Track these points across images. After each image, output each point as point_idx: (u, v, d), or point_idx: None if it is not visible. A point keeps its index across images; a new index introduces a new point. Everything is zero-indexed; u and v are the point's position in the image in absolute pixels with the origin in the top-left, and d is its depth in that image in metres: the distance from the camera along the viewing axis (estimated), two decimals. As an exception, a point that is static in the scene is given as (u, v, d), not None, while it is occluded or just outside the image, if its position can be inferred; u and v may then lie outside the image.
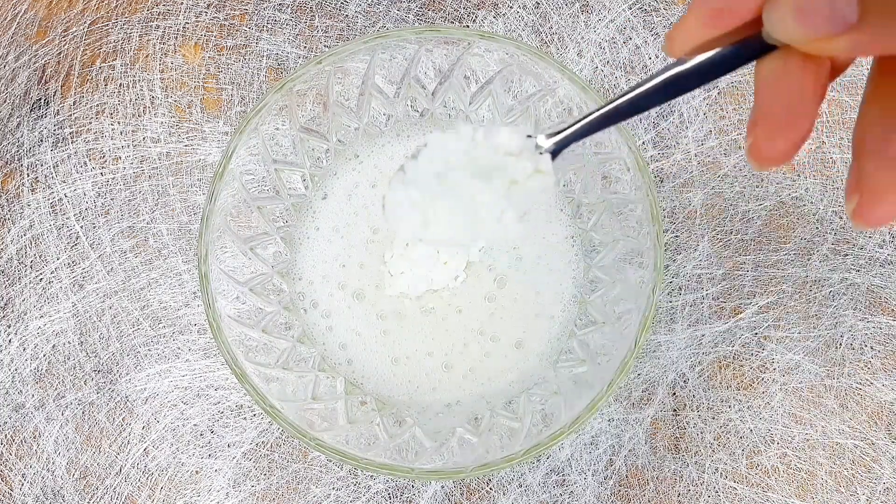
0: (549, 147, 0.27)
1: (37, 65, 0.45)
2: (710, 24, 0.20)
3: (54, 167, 0.44)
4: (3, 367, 0.43)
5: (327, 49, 0.44)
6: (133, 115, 0.44)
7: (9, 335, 0.43)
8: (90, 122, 0.44)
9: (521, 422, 0.38)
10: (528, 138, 0.27)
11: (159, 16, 0.45)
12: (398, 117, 0.42)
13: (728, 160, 0.43)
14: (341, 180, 0.42)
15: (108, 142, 0.44)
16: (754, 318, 0.42)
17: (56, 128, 0.44)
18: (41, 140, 0.44)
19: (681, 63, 0.22)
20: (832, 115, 0.44)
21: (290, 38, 0.45)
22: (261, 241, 0.40)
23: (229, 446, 0.42)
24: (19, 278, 0.43)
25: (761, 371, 0.42)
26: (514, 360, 0.41)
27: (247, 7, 0.45)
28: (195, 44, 0.45)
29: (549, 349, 0.41)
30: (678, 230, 0.43)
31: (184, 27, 0.45)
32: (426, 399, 0.41)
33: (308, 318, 0.41)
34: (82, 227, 0.44)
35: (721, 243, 0.43)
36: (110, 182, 0.44)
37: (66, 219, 0.44)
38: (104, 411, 0.42)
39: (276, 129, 0.39)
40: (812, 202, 0.43)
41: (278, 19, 0.45)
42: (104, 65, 0.45)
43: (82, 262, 0.43)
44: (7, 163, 0.44)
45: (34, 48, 0.45)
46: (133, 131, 0.44)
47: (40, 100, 0.44)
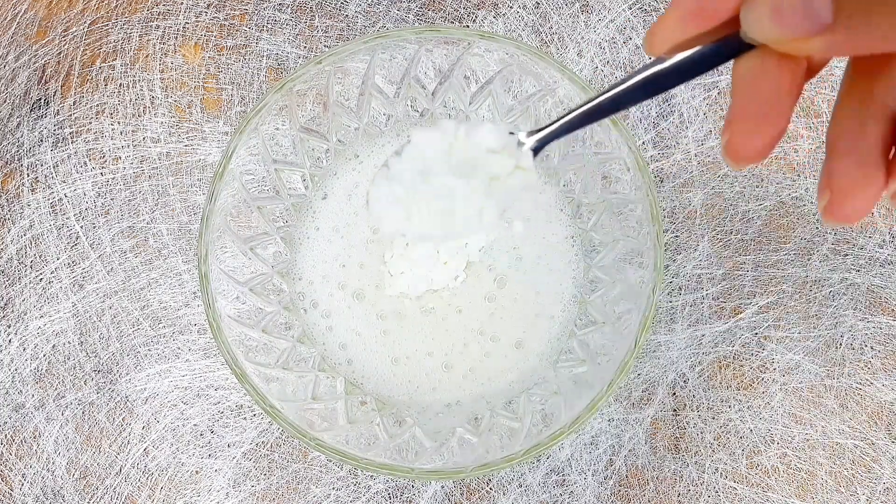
0: (531, 144, 0.27)
1: (37, 65, 0.45)
2: (689, 23, 0.21)
3: (54, 167, 0.44)
4: (3, 367, 0.43)
5: (327, 49, 0.44)
6: (133, 115, 0.44)
7: (9, 335, 0.43)
8: (90, 122, 0.44)
9: (521, 422, 0.38)
10: (511, 135, 0.27)
11: (159, 16, 0.45)
12: (398, 117, 0.42)
13: (728, 160, 0.43)
14: (341, 180, 0.42)
15: (108, 142, 0.44)
16: (754, 318, 0.42)
17: (56, 128, 0.44)
18: (41, 140, 0.44)
19: (661, 61, 0.22)
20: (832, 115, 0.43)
21: (290, 38, 0.45)
22: (261, 241, 0.40)
23: (229, 446, 0.42)
24: (19, 278, 0.43)
25: (761, 371, 0.42)
26: (514, 360, 0.41)
27: (247, 7, 0.45)
28: (195, 44, 0.45)
29: (549, 349, 0.41)
30: (678, 230, 0.43)
31: (184, 27, 0.45)
32: (426, 399, 0.41)
33: (308, 318, 0.41)
34: (82, 227, 0.44)
35: (721, 243, 0.43)
36: (110, 182, 0.44)
37: (66, 219, 0.44)
38: (104, 411, 0.42)
39: (276, 129, 0.39)
40: (812, 202, 0.43)
41: (278, 19, 0.45)
42: (104, 65, 0.45)
43: (82, 262, 0.43)
44: (7, 163, 0.44)
45: (34, 48, 0.45)
46: (133, 131, 0.44)
47: (40, 100, 0.44)
